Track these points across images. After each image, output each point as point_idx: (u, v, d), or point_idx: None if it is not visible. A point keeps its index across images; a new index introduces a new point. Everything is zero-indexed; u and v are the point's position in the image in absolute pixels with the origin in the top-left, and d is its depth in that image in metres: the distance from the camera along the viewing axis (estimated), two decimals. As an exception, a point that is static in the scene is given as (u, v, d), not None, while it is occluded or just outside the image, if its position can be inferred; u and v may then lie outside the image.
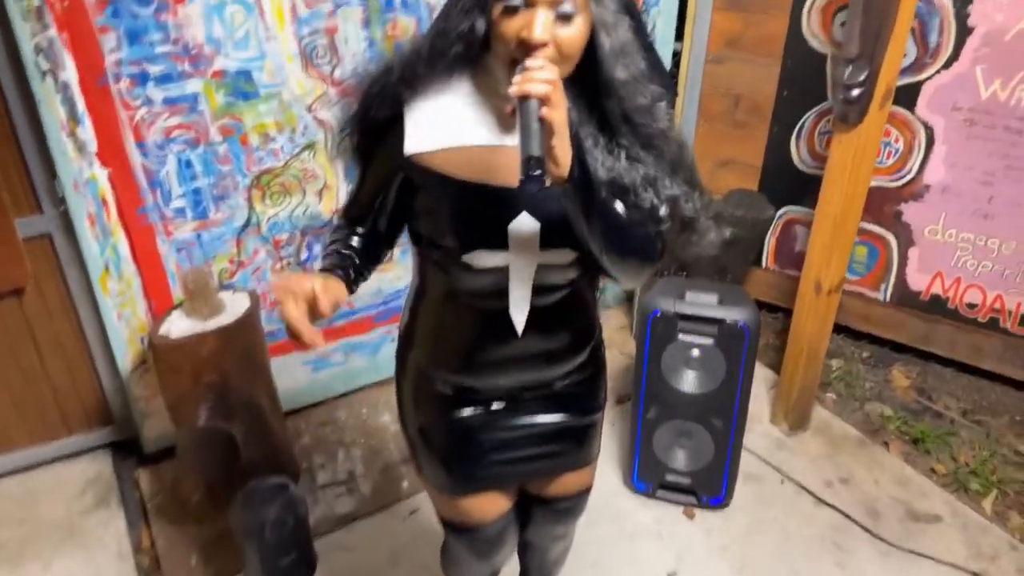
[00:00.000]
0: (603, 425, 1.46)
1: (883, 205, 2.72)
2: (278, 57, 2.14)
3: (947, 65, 2.43)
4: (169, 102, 2.05)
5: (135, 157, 2.06)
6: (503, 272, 1.14)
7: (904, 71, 2.47)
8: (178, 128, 2.09)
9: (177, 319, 2.07)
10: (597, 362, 1.40)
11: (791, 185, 2.86)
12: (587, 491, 1.50)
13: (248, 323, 2.07)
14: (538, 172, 0.89)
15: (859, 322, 2.99)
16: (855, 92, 1.94)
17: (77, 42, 1.87)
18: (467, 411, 1.30)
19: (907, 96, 2.51)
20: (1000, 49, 2.32)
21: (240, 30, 2.06)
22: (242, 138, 2.19)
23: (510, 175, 1.03)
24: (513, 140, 1.00)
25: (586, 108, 1.09)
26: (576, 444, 1.39)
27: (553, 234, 1.10)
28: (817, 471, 2.47)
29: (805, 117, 2.74)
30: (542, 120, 0.91)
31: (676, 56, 2.96)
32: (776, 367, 2.83)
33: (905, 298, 2.83)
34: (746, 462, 2.40)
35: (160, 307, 2.26)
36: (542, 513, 1.49)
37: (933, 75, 2.46)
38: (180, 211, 2.19)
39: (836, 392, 2.87)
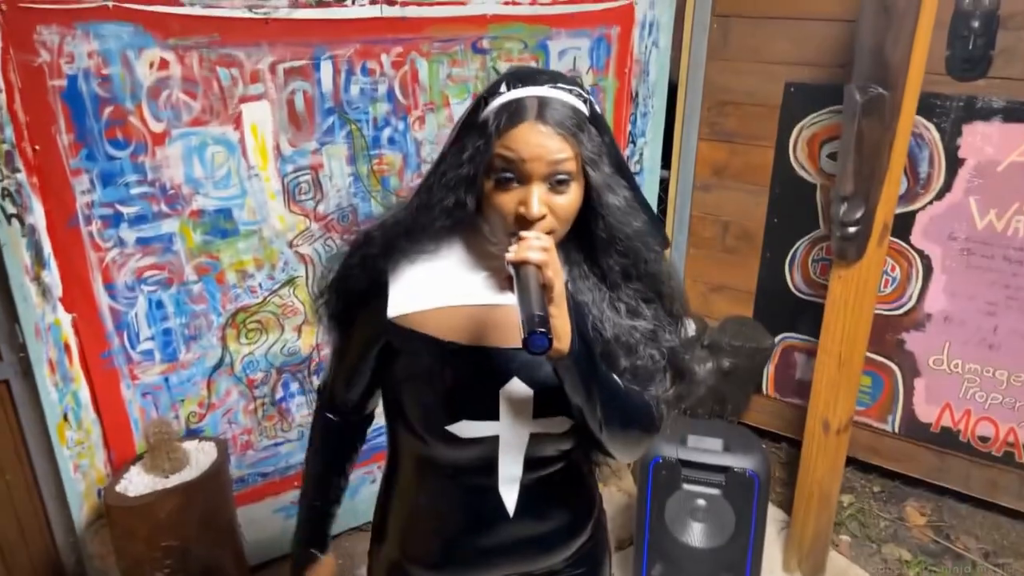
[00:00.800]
0: None
1: (884, 334, 2.63)
2: (260, 195, 2.08)
3: (940, 196, 2.41)
4: (142, 242, 1.96)
5: (102, 299, 1.95)
6: (491, 444, 1.04)
7: (897, 201, 2.44)
8: (151, 269, 2.00)
9: (136, 475, 1.90)
10: (599, 543, 1.24)
11: (787, 311, 2.79)
12: None
13: (214, 478, 1.90)
14: (543, 330, 0.82)
15: (868, 454, 2.84)
16: (852, 229, 1.89)
17: (47, 186, 1.80)
18: None
19: (901, 225, 2.47)
20: (993, 180, 2.31)
21: (221, 169, 2.00)
22: (218, 276, 2.09)
23: (503, 336, 1.01)
24: (506, 299, 0.94)
25: (583, 265, 1.04)
26: None
27: (548, 401, 1.02)
28: (838, 629, 2.26)
29: (798, 244, 2.70)
30: (543, 284, 0.86)
31: (664, 183, 2.96)
32: (784, 505, 2.65)
33: (914, 430, 2.70)
34: (760, 620, 2.19)
35: (121, 457, 2.09)
36: None
37: (926, 205, 2.44)
38: (148, 353, 2.06)
39: (850, 532, 2.69)
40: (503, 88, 0.97)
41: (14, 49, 1.68)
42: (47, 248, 1.85)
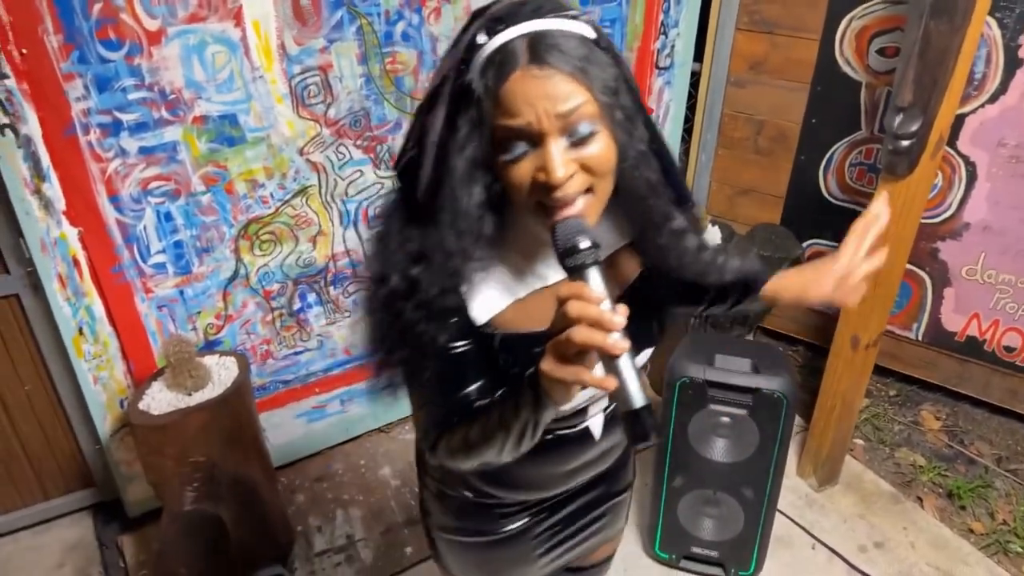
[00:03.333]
0: None
1: (919, 242, 2.52)
2: (266, 99, 1.93)
3: (993, 99, 2.23)
4: (145, 152, 1.85)
5: (108, 213, 1.86)
6: (586, 399, 1.03)
7: (947, 104, 2.29)
8: (156, 179, 1.89)
9: (158, 391, 1.88)
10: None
11: (818, 217, 2.68)
12: (614, 554, 1.44)
13: (237, 394, 1.89)
14: (651, 436, 0.70)
15: (887, 360, 2.82)
16: (906, 143, 1.75)
17: (40, 92, 1.67)
18: (521, 520, 1.17)
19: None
20: (1054, 83, 2.14)
21: (223, 71, 1.85)
22: (227, 186, 1.99)
23: None
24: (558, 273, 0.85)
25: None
26: (614, 519, 1.32)
27: (636, 341, 0.95)
28: (850, 533, 2.31)
29: (836, 147, 2.55)
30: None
31: (695, 77, 2.76)
32: (803, 411, 2.66)
33: (939, 338, 2.66)
34: (775, 523, 2.23)
35: (140, 369, 2.07)
36: None
37: (977, 108, 2.27)
38: (160, 267, 1.99)
39: (864, 436, 2.71)
40: (480, 37, 0.79)
41: (-13, -62, 1.50)
42: (45, 159, 1.74)
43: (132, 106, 1.78)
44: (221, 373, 1.95)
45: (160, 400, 1.85)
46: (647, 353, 1.04)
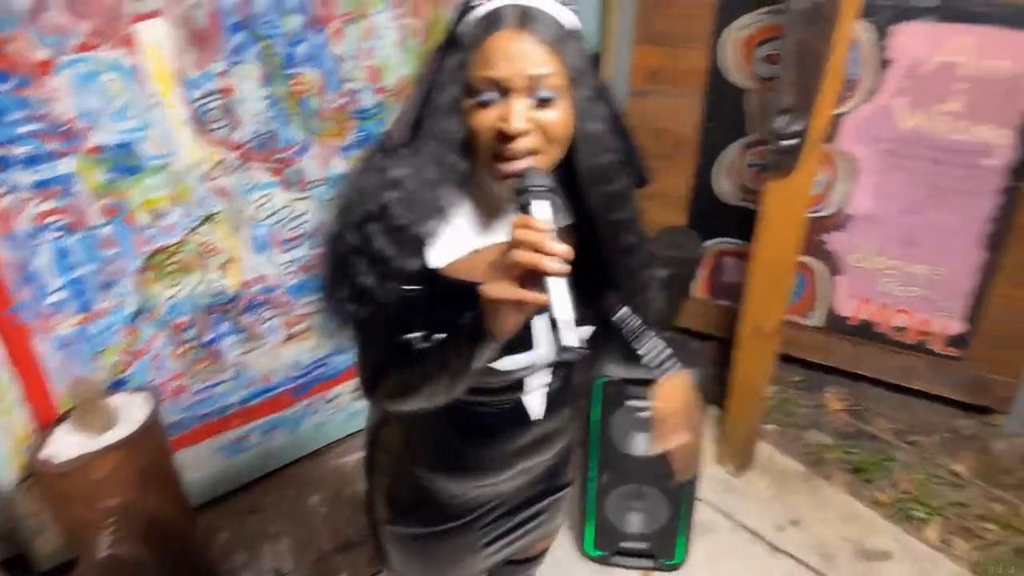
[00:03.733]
0: None
1: (810, 234, 2.70)
2: (165, 125, 1.89)
3: (868, 98, 2.42)
4: (39, 185, 1.77)
5: (2, 251, 1.77)
6: (524, 368, 1.07)
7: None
8: (52, 214, 1.81)
9: (64, 435, 1.80)
10: (572, 431, 1.32)
11: (719, 217, 2.82)
12: (549, 547, 1.50)
13: (148, 432, 1.83)
14: (576, 344, 0.78)
15: (791, 348, 2.98)
16: (790, 142, 1.88)
17: (-85, 128, 1.58)
18: (461, 519, 1.22)
19: (829, 129, 2.49)
20: (919, 81, 2.33)
21: (118, 99, 1.80)
22: (128, 217, 1.93)
23: None
24: None
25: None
26: (554, 514, 1.38)
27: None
28: (767, 514, 2.43)
29: (729, 150, 2.70)
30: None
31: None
32: (716, 401, 2.78)
33: (835, 323, 2.84)
34: (697, 511, 2.32)
35: (44, 413, 1.97)
36: (504, 571, 1.44)
37: (853, 108, 2.45)
38: (60, 304, 1.91)
39: (775, 421, 2.85)
40: (474, 2, 0.90)
41: None
42: (-74, 200, 1.65)
43: (22, 139, 1.71)
44: (131, 412, 1.88)
45: (67, 445, 1.77)
46: (587, 330, 1.08)
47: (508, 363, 1.02)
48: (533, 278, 0.80)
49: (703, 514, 2.39)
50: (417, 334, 0.98)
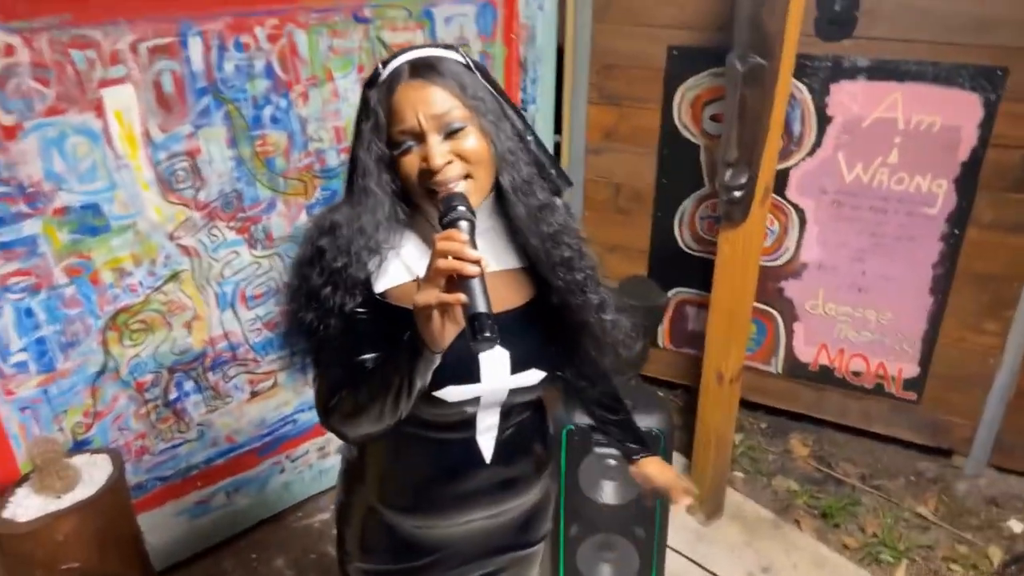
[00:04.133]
0: None
1: (766, 283, 2.79)
2: (131, 186, 1.93)
3: (811, 152, 2.55)
4: (3, 247, 1.78)
5: (-39, 313, 1.77)
6: (472, 402, 1.10)
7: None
8: (15, 275, 1.82)
9: (25, 497, 1.76)
10: (549, 487, 1.34)
11: (679, 267, 2.90)
12: None
13: (111, 492, 1.79)
14: (487, 333, 0.86)
15: (755, 395, 3.04)
16: (737, 193, 1.97)
17: None
18: (424, 559, 1.23)
19: (778, 182, 2.60)
20: (858, 136, 2.47)
21: (85, 162, 1.84)
22: (92, 277, 1.94)
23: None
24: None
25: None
26: (524, 571, 1.38)
27: (522, 358, 1.10)
28: (739, 562, 2.43)
29: (685, 203, 2.81)
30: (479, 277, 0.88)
31: (557, 148, 2.97)
32: (683, 450, 2.81)
33: (795, 369, 2.90)
34: (669, 561, 2.32)
35: (4, 476, 1.93)
36: None
37: (799, 162, 2.58)
38: (21, 365, 1.90)
39: (743, 469, 2.88)
40: (379, 70, 1.04)
41: None
42: None
43: (-13, 201, 1.73)
44: (93, 472, 1.85)
45: (27, 506, 1.73)
46: (536, 374, 1.11)
47: (454, 393, 1.06)
48: (456, 283, 0.87)
49: (674, 564, 2.38)
50: (368, 356, 1.04)
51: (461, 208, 0.94)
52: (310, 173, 2.23)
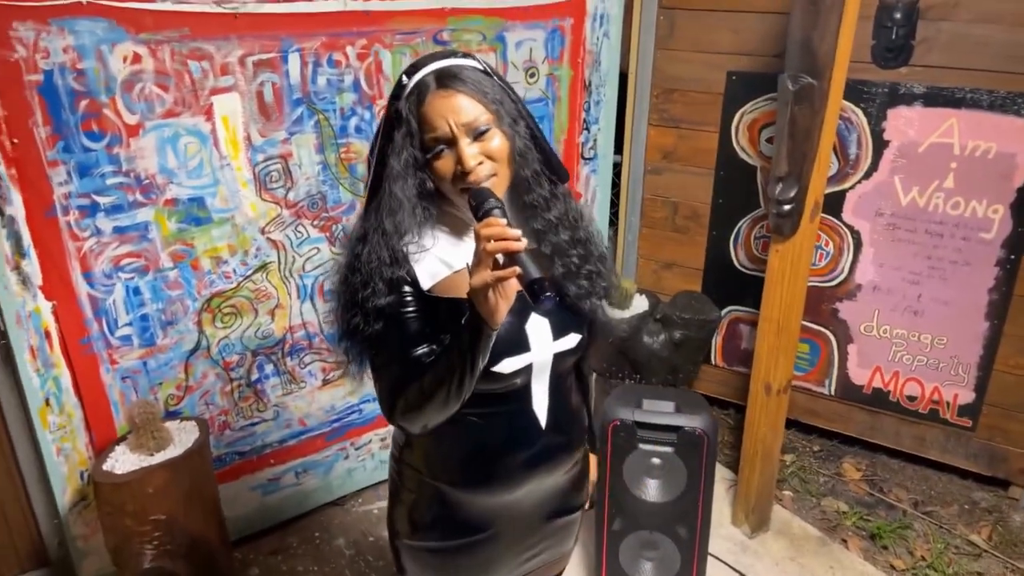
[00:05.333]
0: None
1: (820, 304, 2.84)
2: (232, 183, 2.16)
3: (867, 175, 2.61)
4: (119, 231, 2.03)
5: (81, 288, 2.02)
6: (526, 372, 1.20)
7: (829, 181, 2.65)
8: (127, 257, 2.07)
9: (121, 454, 1.98)
10: (586, 456, 1.44)
11: (733, 286, 2.98)
12: (562, 573, 1.55)
13: (197, 455, 2.00)
14: (548, 293, 0.96)
15: (808, 416, 3.07)
16: (787, 207, 2.06)
17: (26, 177, 1.86)
18: (471, 536, 1.31)
19: (833, 204, 2.68)
20: (915, 160, 2.52)
21: (194, 160, 2.08)
22: (193, 263, 2.17)
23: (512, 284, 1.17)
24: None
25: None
26: (564, 538, 1.44)
27: (560, 324, 1.22)
28: (782, 575, 2.46)
29: (740, 223, 2.89)
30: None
31: (617, 167, 3.11)
32: (732, 466, 2.85)
33: (849, 392, 2.92)
34: (712, 569, 2.38)
35: (102, 440, 2.16)
36: None
37: (855, 184, 2.65)
38: (126, 339, 2.13)
39: (792, 488, 2.90)
40: (404, 79, 1.14)
41: (-10, 45, 1.74)
42: (26, 238, 1.91)
43: (109, 190, 1.98)
44: (182, 436, 2.07)
45: (124, 461, 1.95)
46: (574, 337, 1.24)
47: (509, 365, 1.17)
48: (503, 263, 0.98)
49: (717, 571, 2.44)
50: (423, 350, 1.13)
51: (492, 199, 1.05)
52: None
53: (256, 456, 2.48)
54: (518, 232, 0.98)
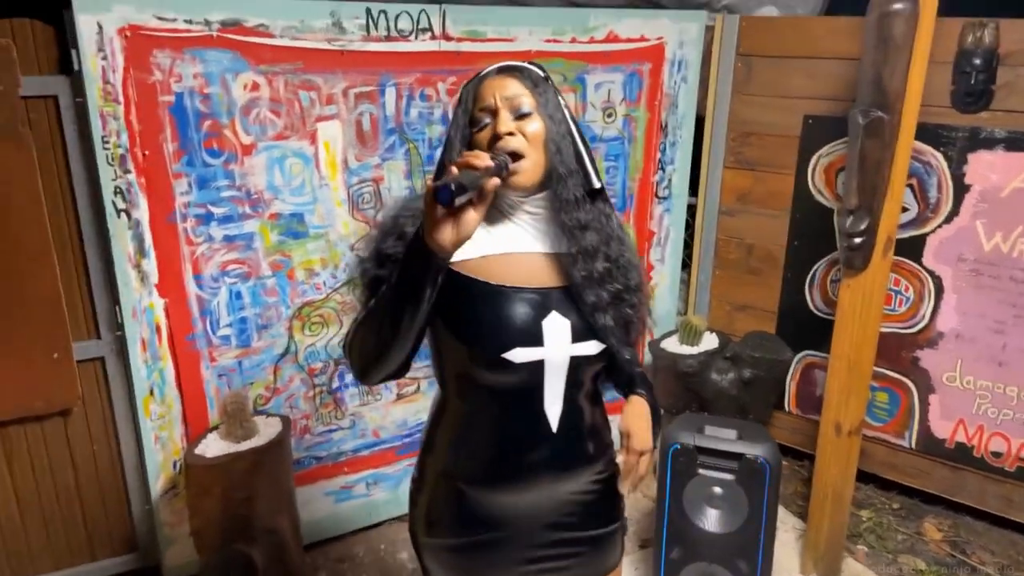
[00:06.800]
0: (625, 534, 1.47)
1: (900, 351, 2.78)
2: (328, 202, 2.37)
3: (948, 220, 2.58)
4: (228, 239, 2.26)
5: (191, 288, 2.24)
6: (538, 368, 1.23)
7: (908, 225, 2.64)
8: (233, 263, 2.28)
9: (212, 441, 2.15)
10: (612, 474, 1.41)
11: (808, 330, 2.95)
12: None
13: (279, 446, 2.14)
14: (453, 187, 0.98)
15: (886, 470, 2.96)
16: (857, 240, 2.08)
17: (152, 186, 2.11)
18: (484, 534, 1.31)
19: (913, 248, 2.65)
20: (997, 205, 2.48)
21: (297, 179, 2.30)
22: (289, 273, 2.37)
23: (540, 279, 1.25)
24: (537, 247, 1.25)
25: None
26: (597, 552, 1.40)
27: (582, 329, 1.25)
28: (850, 624, 2.37)
29: (816, 266, 2.89)
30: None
31: (691, 209, 3.18)
32: (805, 516, 2.78)
33: (930, 445, 2.82)
34: (775, 612, 2.32)
35: (196, 431, 2.35)
36: None
37: (936, 229, 2.62)
38: (226, 339, 2.34)
39: (867, 544, 2.79)
40: (478, 73, 1.27)
41: (134, 69, 2.01)
42: (148, 240, 2.15)
43: (223, 202, 2.22)
44: (267, 430, 2.22)
45: (213, 447, 2.12)
46: (596, 345, 1.25)
47: (520, 355, 1.20)
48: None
49: (781, 615, 2.37)
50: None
51: (503, 156, 1.14)
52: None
53: (332, 462, 2.62)
54: (487, 161, 1.06)
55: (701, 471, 2.12)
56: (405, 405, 2.69)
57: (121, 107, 2.03)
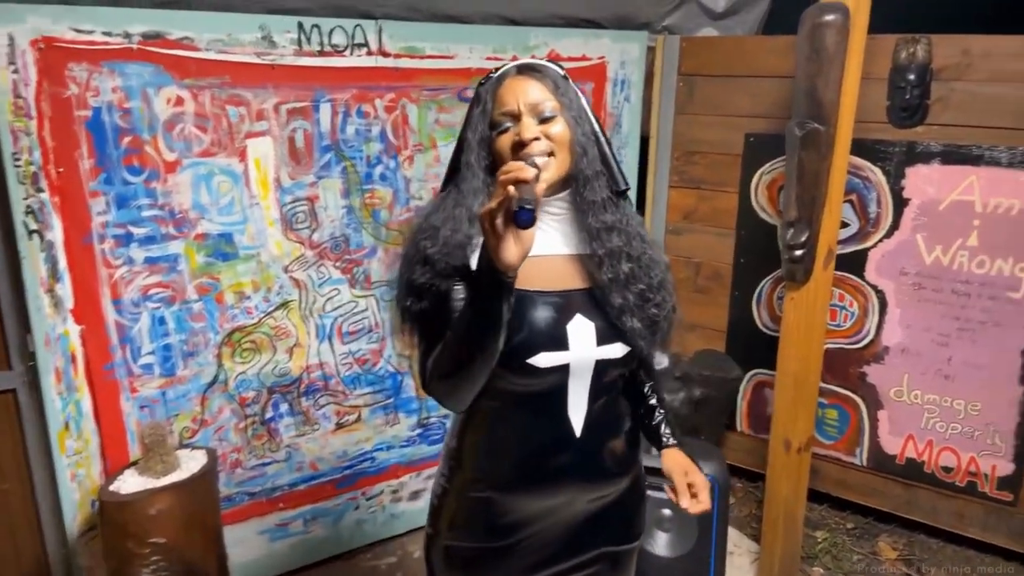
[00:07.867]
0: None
1: (847, 367, 2.77)
2: (259, 222, 2.27)
3: (889, 234, 2.60)
4: (150, 261, 2.14)
5: (109, 314, 2.11)
6: (563, 372, 1.21)
7: (850, 240, 2.65)
8: (156, 286, 2.16)
9: (129, 477, 2.01)
10: (640, 488, 1.42)
11: (757, 348, 2.93)
12: None
13: (203, 481, 2.01)
14: (530, 207, 0.99)
15: (839, 489, 2.93)
16: (798, 252, 2.06)
17: (67, 205, 1.99)
18: (507, 539, 1.30)
19: (856, 263, 2.66)
20: (936, 218, 2.50)
21: (225, 197, 2.20)
22: (218, 296, 2.26)
23: (564, 282, 1.24)
24: (562, 250, 1.24)
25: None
26: (616, 569, 1.41)
27: (607, 332, 1.23)
28: (806, 649, 2.30)
29: (763, 283, 2.88)
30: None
31: (639, 230, 3.16)
32: (759, 538, 2.72)
33: (882, 462, 2.79)
34: (730, 639, 2.24)
35: (116, 467, 2.20)
36: None
37: (877, 243, 2.63)
38: (148, 367, 2.20)
39: (823, 565, 2.74)
40: (492, 73, 1.26)
41: (47, 82, 1.91)
42: (62, 263, 2.02)
43: (144, 222, 2.10)
44: (190, 464, 2.09)
45: (130, 483, 1.97)
46: (621, 348, 1.24)
47: (545, 360, 1.19)
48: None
49: (736, 643, 2.29)
50: None
51: (532, 160, 1.12)
52: (409, 226, 2.52)
53: (266, 498, 2.48)
54: (533, 171, 1.04)
55: (649, 492, 2.04)
56: (345, 435, 2.57)
57: (34, 122, 1.92)
